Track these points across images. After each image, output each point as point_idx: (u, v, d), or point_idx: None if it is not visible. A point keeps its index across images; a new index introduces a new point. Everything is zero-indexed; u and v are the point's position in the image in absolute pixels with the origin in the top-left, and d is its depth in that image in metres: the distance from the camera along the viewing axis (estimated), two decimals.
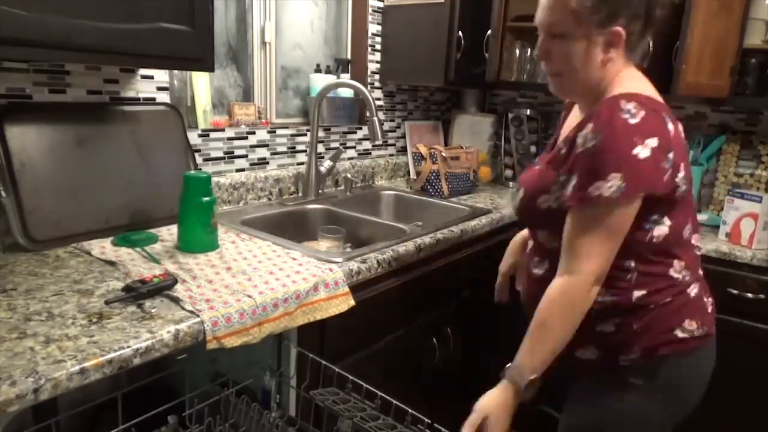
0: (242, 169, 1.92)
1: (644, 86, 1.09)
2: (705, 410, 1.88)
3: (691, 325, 1.10)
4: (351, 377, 1.12)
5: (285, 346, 1.27)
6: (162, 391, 1.19)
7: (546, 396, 1.18)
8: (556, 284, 1.07)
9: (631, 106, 0.99)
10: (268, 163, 2.01)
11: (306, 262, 1.33)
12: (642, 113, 0.99)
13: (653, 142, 0.98)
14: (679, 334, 1.09)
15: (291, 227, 1.85)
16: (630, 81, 1.08)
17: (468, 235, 1.79)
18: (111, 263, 1.24)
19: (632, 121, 0.98)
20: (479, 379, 2.05)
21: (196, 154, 1.71)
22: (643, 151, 0.98)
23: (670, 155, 1.01)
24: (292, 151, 2.09)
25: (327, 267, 1.30)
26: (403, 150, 2.64)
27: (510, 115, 2.55)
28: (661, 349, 1.09)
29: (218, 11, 1.90)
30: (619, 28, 1.05)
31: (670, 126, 1.03)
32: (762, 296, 1.75)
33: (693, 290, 1.12)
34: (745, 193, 1.84)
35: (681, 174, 1.04)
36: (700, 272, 1.17)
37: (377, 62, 2.42)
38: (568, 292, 1.05)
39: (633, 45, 1.10)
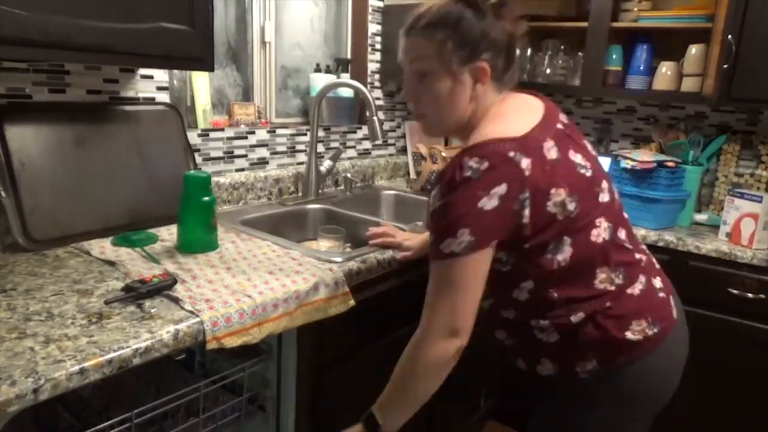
0: (242, 169, 1.91)
1: (511, 121, 1.06)
2: (705, 409, 1.89)
3: (640, 324, 1.05)
4: None
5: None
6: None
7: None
8: (411, 340, 1.08)
9: (473, 162, 0.97)
10: (267, 162, 2.01)
11: (306, 262, 1.33)
12: (485, 165, 0.97)
13: (501, 189, 0.96)
14: (631, 337, 1.04)
15: (291, 227, 1.85)
16: (495, 120, 1.07)
17: None
18: (111, 263, 1.24)
19: (474, 176, 0.97)
20: (479, 380, 2.06)
21: (196, 154, 1.71)
22: (489, 203, 0.96)
23: (524, 194, 0.98)
24: (292, 150, 2.09)
25: (327, 267, 1.30)
26: (403, 150, 2.64)
27: None
28: (618, 357, 1.05)
29: (218, 11, 1.90)
30: (483, 64, 1.06)
31: (525, 163, 0.98)
32: (762, 296, 1.75)
33: (635, 289, 1.08)
34: (745, 193, 1.84)
35: (557, 199, 1.00)
36: (644, 265, 1.12)
37: (377, 62, 2.42)
38: (418, 348, 1.06)
39: (500, 77, 1.10)
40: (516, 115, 1.08)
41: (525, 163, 0.98)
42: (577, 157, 1.07)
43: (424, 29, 1.08)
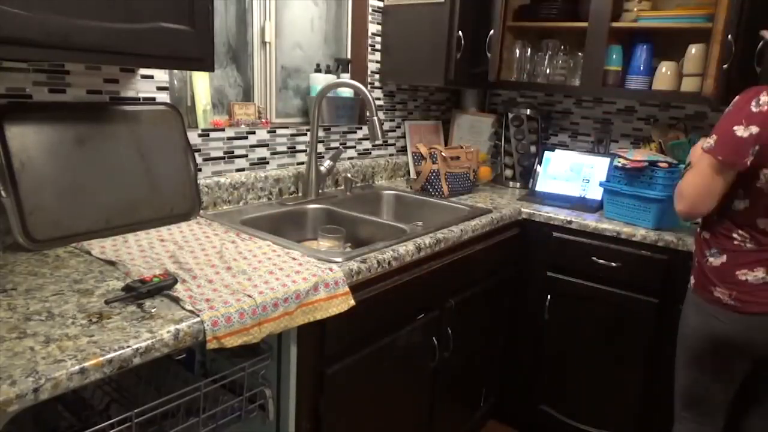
0: (242, 169, 1.92)
1: None
2: None
3: (723, 294, 1.38)
4: None
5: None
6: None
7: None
8: None
9: (765, 98, 1.24)
10: (268, 162, 2.01)
11: (306, 262, 1.33)
12: (765, 108, 1.23)
13: (754, 129, 1.25)
14: (715, 293, 1.40)
15: (291, 227, 1.85)
16: None
17: (468, 234, 1.79)
18: (111, 263, 1.24)
19: (754, 109, 1.25)
20: (479, 379, 2.06)
21: (196, 154, 1.71)
22: (742, 131, 1.26)
23: (757, 147, 1.26)
24: (292, 150, 2.09)
25: (327, 267, 1.30)
26: (403, 150, 2.64)
27: (510, 115, 2.55)
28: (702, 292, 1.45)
29: (218, 11, 1.91)
30: None
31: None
32: None
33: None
34: None
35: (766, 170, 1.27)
36: None
37: (377, 62, 2.42)
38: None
39: None
40: None
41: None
42: None
43: None
